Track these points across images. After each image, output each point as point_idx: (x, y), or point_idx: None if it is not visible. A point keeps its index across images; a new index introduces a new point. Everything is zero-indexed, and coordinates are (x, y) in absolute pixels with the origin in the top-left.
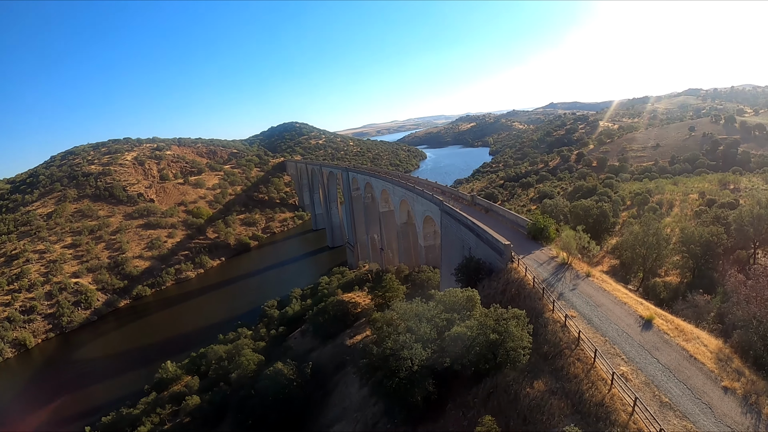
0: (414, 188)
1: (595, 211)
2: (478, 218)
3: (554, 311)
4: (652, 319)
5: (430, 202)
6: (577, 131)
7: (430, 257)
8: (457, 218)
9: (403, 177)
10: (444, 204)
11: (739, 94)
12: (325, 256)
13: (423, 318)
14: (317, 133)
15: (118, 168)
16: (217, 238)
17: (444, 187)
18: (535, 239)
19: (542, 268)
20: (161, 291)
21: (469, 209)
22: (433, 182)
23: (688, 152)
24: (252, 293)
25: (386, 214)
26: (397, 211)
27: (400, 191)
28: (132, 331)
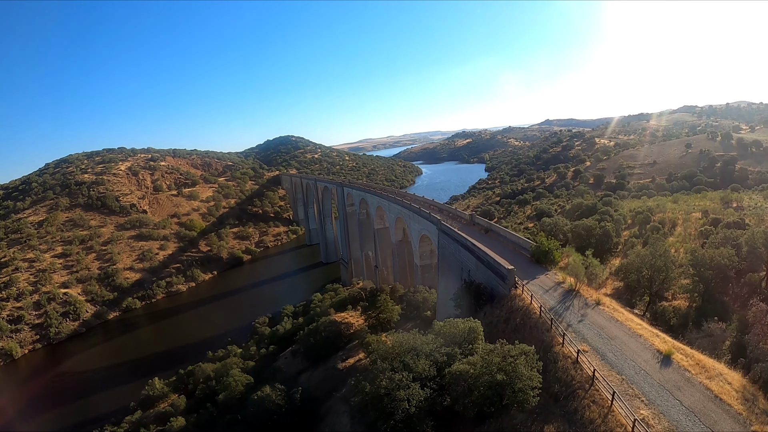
0: (410, 206)
1: (597, 231)
2: (478, 239)
3: (564, 345)
4: (671, 354)
5: (427, 220)
6: (573, 148)
7: (426, 277)
8: (455, 239)
9: (399, 194)
10: (441, 223)
11: (734, 110)
12: (319, 272)
13: (421, 352)
14: (313, 147)
15: (112, 178)
16: (209, 251)
17: (441, 205)
18: (539, 262)
19: (548, 295)
20: (151, 304)
21: (468, 229)
22: (430, 200)
23: (686, 169)
24: (243, 309)
25: (381, 231)
26: (393, 228)
27: (395, 208)
28: (120, 345)
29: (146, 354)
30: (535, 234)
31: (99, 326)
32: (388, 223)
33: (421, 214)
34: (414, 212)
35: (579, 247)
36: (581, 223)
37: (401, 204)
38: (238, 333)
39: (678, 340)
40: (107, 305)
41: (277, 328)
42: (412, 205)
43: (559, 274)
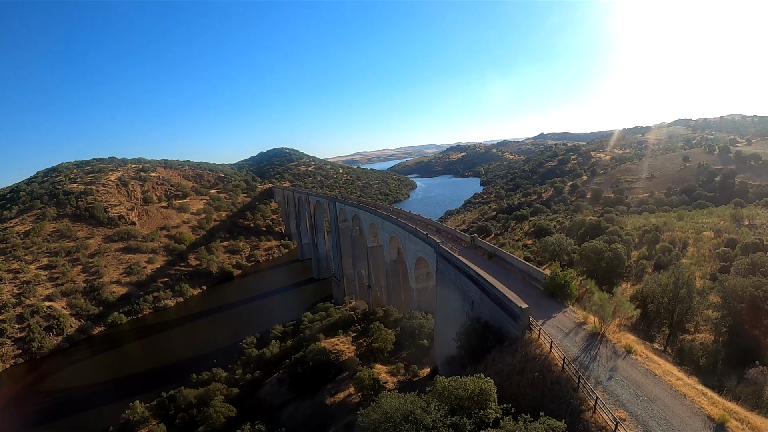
0: (405, 225)
1: (608, 254)
2: (481, 265)
3: (596, 411)
4: (724, 421)
5: (424, 242)
6: (569, 162)
7: (423, 300)
8: (456, 265)
9: (393, 211)
10: (440, 247)
11: (728, 123)
12: (311, 288)
13: (421, 425)
14: (307, 160)
15: (101, 188)
16: (199, 265)
17: (439, 225)
18: (554, 296)
19: (569, 339)
20: (138, 319)
21: (469, 253)
22: (427, 218)
23: (685, 183)
24: (232, 326)
25: (375, 249)
26: (387, 247)
27: (390, 227)
28: (104, 362)
29: (130, 372)
30: (536, 253)
31: (83, 341)
32: (382, 242)
33: (418, 235)
34: (409, 232)
35: (588, 270)
36: (590, 245)
37: (396, 223)
38: (225, 353)
39: (721, 394)
40: (92, 320)
41: (264, 352)
42: (408, 224)
43: (579, 312)
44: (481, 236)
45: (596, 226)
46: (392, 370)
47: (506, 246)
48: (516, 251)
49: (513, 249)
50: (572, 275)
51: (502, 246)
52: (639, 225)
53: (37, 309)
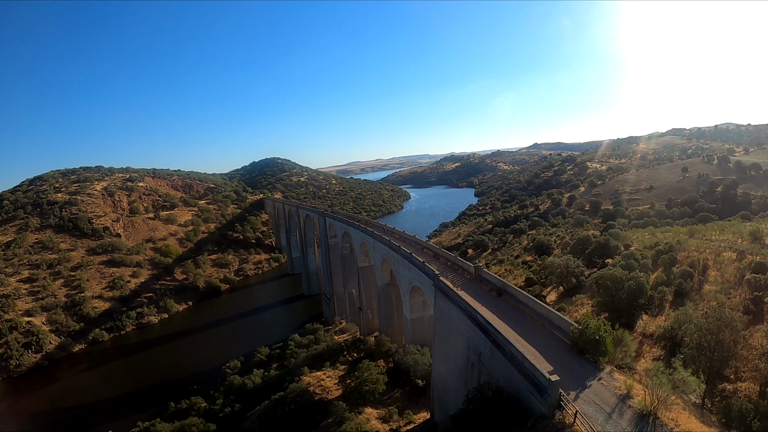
0: (399, 249)
1: (629, 284)
2: (489, 303)
3: None
4: None
5: (420, 271)
6: (565, 173)
7: (418, 332)
8: (460, 305)
9: (386, 231)
10: (440, 279)
11: (722, 133)
12: (300, 305)
13: None
14: (299, 170)
15: (86, 198)
16: (185, 279)
17: (437, 249)
18: (583, 352)
19: (612, 423)
20: (120, 337)
21: (474, 287)
22: (422, 240)
23: (685, 194)
24: (216, 346)
25: (366, 269)
26: (378, 269)
27: (381, 248)
28: (83, 382)
29: (108, 395)
30: (538, 273)
31: (63, 359)
32: (374, 262)
33: (413, 262)
34: (404, 257)
35: (604, 302)
36: (608, 273)
37: (388, 245)
38: (208, 376)
39: None
40: (72, 337)
41: (246, 382)
42: (402, 248)
43: (619, 378)
44: (477, 250)
45: (604, 245)
46: (384, 415)
47: (505, 263)
48: (516, 270)
49: (512, 267)
50: (607, 329)
51: (501, 263)
52: (649, 243)
53: (15, 324)
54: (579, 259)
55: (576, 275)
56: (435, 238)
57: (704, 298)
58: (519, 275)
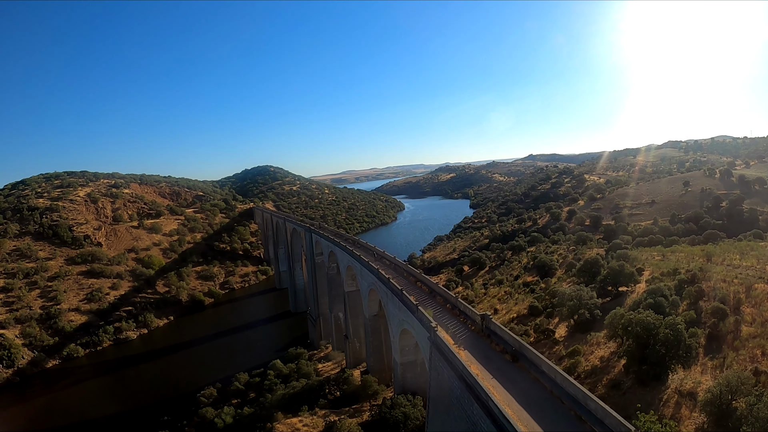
0: (389, 282)
1: (665, 334)
2: (502, 376)
3: None
4: None
5: (413, 315)
6: (563, 185)
7: (409, 377)
8: (463, 377)
9: (376, 256)
10: (437, 334)
11: (719, 145)
12: (286, 324)
13: None
14: (292, 179)
15: (68, 204)
16: (167, 292)
17: (433, 285)
18: None
19: None
20: (96, 353)
21: (481, 345)
22: (416, 271)
23: (689, 209)
24: (195, 366)
25: (352, 294)
26: (365, 298)
27: (369, 277)
28: (52, 403)
29: (77, 419)
30: (542, 298)
31: (36, 375)
32: (360, 287)
33: (404, 302)
34: (393, 293)
35: (629, 350)
36: (639, 318)
37: (377, 275)
38: (183, 402)
39: None
40: (46, 351)
41: (216, 421)
42: (392, 282)
43: None
44: (474, 268)
45: (618, 272)
46: None
47: (504, 284)
48: (517, 293)
49: (512, 289)
50: None
51: (500, 284)
52: (664, 267)
53: None
54: (590, 287)
55: (590, 309)
56: (429, 253)
57: (744, 345)
58: (521, 300)
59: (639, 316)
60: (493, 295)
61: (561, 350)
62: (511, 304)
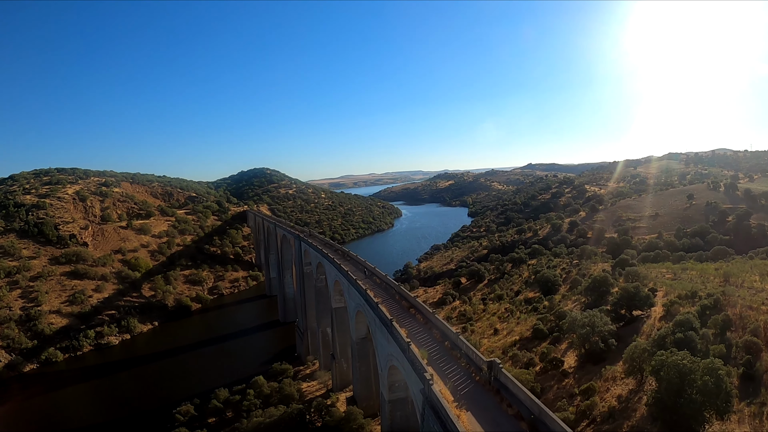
0: (377, 308)
1: (703, 381)
2: None
3: None
4: None
5: (403, 354)
6: (563, 195)
7: (399, 416)
8: None
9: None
10: (433, 393)
11: (720, 158)
12: (275, 334)
13: None
14: (288, 182)
15: (56, 202)
16: (153, 296)
17: (430, 314)
18: None
19: None
20: (76, 358)
21: (489, 404)
22: (411, 295)
23: (694, 224)
24: (176, 377)
25: (340, 311)
26: (352, 318)
27: (356, 297)
28: (23, 411)
29: None
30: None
31: (12, 379)
32: (348, 306)
33: (394, 336)
34: (383, 323)
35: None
36: (674, 361)
37: (364, 297)
38: (159, 418)
39: None
40: (24, 355)
41: None
42: (380, 308)
43: None
44: (472, 280)
45: (633, 294)
46: None
47: (504, 300)
48: (519, 311)
49: (514, 306)
50: None
51: (500, 300)
52: (679, 288)
53: None
54: (600, 310)
55: (604, 337)
56: (425, 262)
57: None
58: (523, 320)
59: (673, 358)
60: (492, 312)
61: (572, 385)
62: (512, 324)
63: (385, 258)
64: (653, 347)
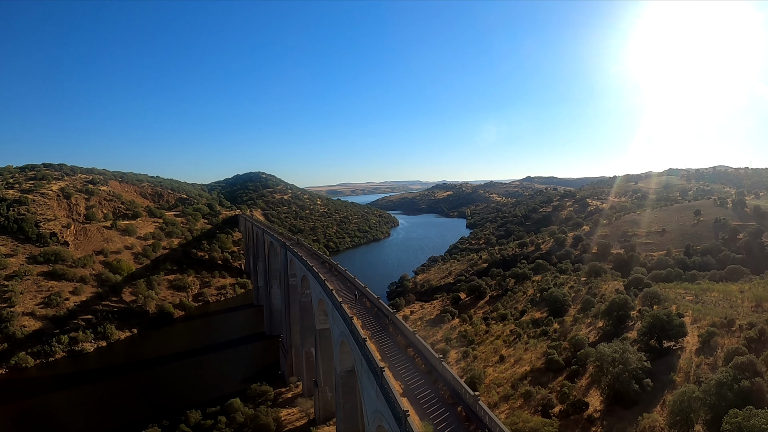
0: (364, 346)
1: None
2: None
3: None
4: None
5: (399, 427)
6: (564, 209)
7: None
8: None
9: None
10: None
11: (721, 175)
12: (259, 348)
13: None
14: (283, 187)
15: (39, 198)
16: (133, 302)
17: (435, 362)
18: None
19: None
20: (47, 364)
21: None
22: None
23: (704, 241)
24: (147, 393)
25: (324, 333)
26: (336, 347)
27: (341, 324)
28: None
29: None
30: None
31: None
32: (332, 330)
33: (386, 394)
34: (372, 371)
35: None
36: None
37: (350, 328)
38: None
39: None
40: None
41: None
42: (368, 348)
43: None
44: (472, 297)
45: (665, 322)
46: None
47: (509, 320)
48: (527, 335)
49: (520, 329)
50: None
51: (504, 320)
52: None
53: None
54: (629, 342)
55: (638, 377)
56: (422, 275)
57: None
58: (532, 346)
59: (755, 420)
60: (496, 335)
61: None
62: (520, 350)
63: (380, 269)
64: (708, 395)
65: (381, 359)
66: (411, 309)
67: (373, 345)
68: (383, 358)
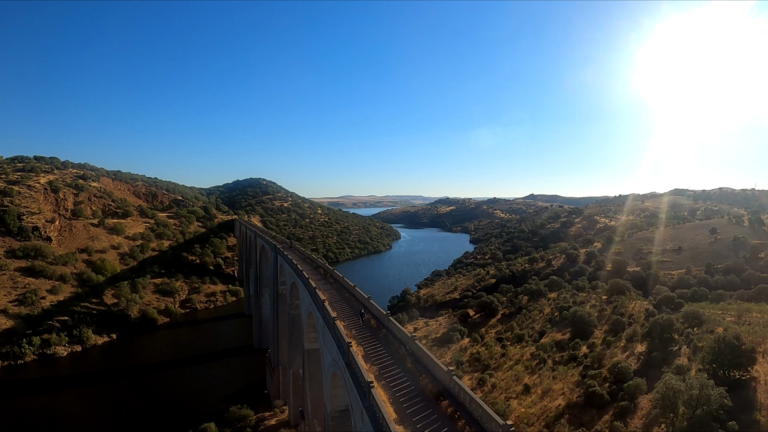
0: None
1: None
2: None
3: None
4: None
5: None
6: (573, 225)
7: None
8: None
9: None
10: None
11: (728, 196)
12: (245, 362)
13: None
14: (284, 194)
15: (25, 190)
16: (115, 304)
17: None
18: None
19: None
20: (15, 367)
21: None
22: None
23: (724, 259)
24: (117, 408)
25: (313, 354)
26: (327, 379)
27: (333, 350)
28: None
29: None
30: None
31: None
32: (322, 354)
33: None
34: (369, 417)
35: None
36: None
37: (345, 358)
38: None
39: None
40: None
41: None
42: (377, 400)
43: None
44: (481, 314)
45: (734, 347)
46: None
47: (527, 342)
48: (552, 360)
49: (542, 352)
50: None
51: (521, 341)
52: None
53: None
54: (697, 372)
55: (719, 417)
56: (426, 289)
57: None
58: (561, 375)
59: None
60: (515, 359)
61: None
62: (547, 379)
63: (381, 282)
64: None
65: (397, 420)
66: (414, 326)
67: (383, 392)
68: (400, 419)
